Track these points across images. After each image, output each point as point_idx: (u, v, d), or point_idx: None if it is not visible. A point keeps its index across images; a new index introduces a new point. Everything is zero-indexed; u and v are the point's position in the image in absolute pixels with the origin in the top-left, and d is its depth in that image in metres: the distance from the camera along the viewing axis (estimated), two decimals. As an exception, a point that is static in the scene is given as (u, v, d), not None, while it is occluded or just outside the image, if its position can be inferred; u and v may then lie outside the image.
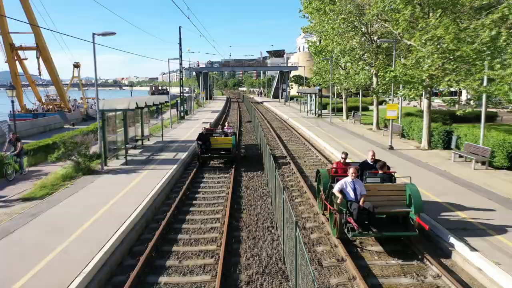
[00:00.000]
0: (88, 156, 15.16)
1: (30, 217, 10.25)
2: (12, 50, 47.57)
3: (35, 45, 49.72)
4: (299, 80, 77.65)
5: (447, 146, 18.91)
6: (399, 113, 25.73)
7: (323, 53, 31.70)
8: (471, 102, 16.94)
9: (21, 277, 6.98)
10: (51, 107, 54.00)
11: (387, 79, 18.49)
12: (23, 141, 17.49)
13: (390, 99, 20.76)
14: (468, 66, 14.98)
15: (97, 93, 17.13)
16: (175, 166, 15.99)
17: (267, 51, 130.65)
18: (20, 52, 50.54)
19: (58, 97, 55.85)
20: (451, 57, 14.76)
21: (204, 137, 17.46)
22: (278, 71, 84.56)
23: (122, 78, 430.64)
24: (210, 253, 8.70)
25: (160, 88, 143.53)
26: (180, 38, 40.01)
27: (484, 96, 15.40)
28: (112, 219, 9.83)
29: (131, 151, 19.28)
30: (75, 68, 64.86)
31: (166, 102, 26.65)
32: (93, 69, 16.21)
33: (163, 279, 7.61)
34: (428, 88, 18.61)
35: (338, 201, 8.60)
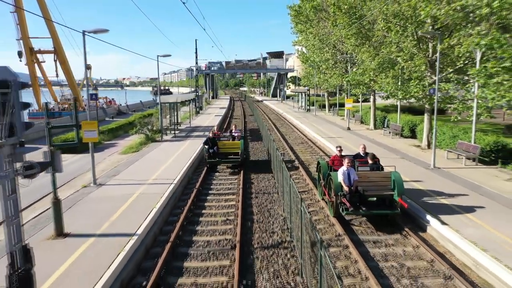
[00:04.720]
0: (154, 131, 24.44)
1: (139, 157, 19.56)
2: (32, 54, 51.37)
3: (53, 48, 53.88)
4: (295, 80, 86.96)
5: (384, 126, 28.13)
6: (360, 106, 35.03)
7: (309, 62, 41.02)
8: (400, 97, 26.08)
9: (150, 177, 16.14)
10: (66, 106, 58.36)
11: (345, 81, 27.75)
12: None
13: (352, 95, 30.01)
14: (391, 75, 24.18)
15: (159, 92, 26.41)
16: (206, 139, 25.24)
17: (267, 52, 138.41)
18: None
19: (73, 97, 61.27)
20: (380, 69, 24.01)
21: (212, 141, 17.57)
22: (277, 73, 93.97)
23: (123, 78, 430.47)
24: (236, 171, 17.95)
25: (162, 88, 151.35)
26: (196, 49, 49.15)
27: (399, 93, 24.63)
28: (183, 159, 18.93)
29: (172, 131, 28.57)
30: (87, 70, 71.24)
31: (192, 99, 35.98)
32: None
33: (216, 179, 16.83)
34: (373, 88, 27.81)
35: (345, 189, 10.35)
